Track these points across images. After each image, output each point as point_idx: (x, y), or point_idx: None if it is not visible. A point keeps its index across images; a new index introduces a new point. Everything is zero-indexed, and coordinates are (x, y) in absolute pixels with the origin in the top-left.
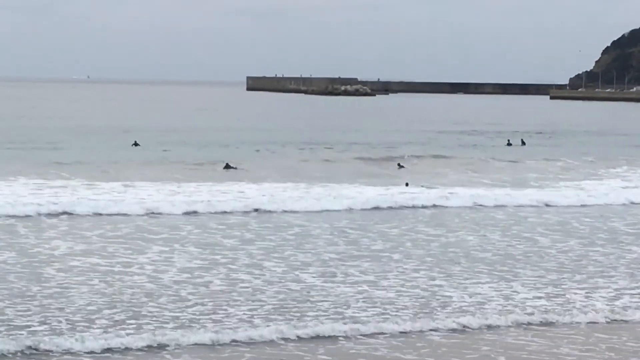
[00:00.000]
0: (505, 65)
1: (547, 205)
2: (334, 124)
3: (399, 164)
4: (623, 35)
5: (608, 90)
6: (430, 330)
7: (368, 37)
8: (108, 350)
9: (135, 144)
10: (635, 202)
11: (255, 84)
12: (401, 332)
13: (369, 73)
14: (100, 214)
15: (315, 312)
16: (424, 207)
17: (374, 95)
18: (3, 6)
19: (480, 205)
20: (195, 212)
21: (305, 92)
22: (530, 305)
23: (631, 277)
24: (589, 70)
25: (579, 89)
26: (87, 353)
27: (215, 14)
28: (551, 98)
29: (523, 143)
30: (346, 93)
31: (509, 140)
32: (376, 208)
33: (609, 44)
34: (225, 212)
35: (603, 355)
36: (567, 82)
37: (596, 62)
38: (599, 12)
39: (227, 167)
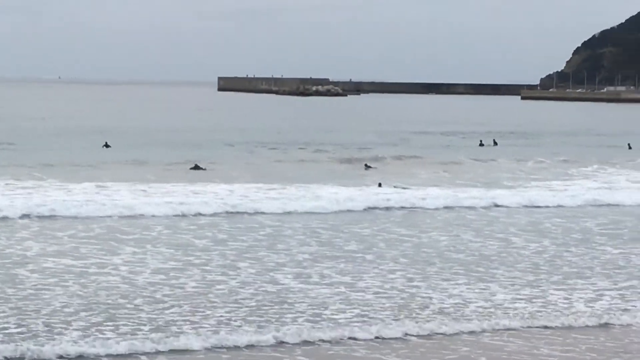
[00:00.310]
0: (477, 66)
1: (518, 205)
2: (306, 125)
3: (366, 165)
4: (594, 36)
5: (579, 90)
6: (410, 331)
7: (340, 37)
8: (83, 355)
9: (106, 146)
10: (607, 202)
11: (227, 85)
12: (380, 334)
13: (340, 73)
14: (72, 215)
15: (294, 314)
16: (396, 207)
17: (346, 95)
18: None
19: (453, 205)
20: (166, 213)
21: (277, 92)
22: (509, 307)
23: (608, 278)
24: (559, 70)
25: (550, 90)
26: (59, 358)
27: (186, 15)
28: (522, 98)
29: (495, 143)
30: (317, 93)
31: (481, 141)
32: (348, 208)
33: (579, 45)
34: (196, 213)
35: (584, 357)
36: (538, 82)
37: (567, 62)
38: (570, 12)
39: (196, 167)
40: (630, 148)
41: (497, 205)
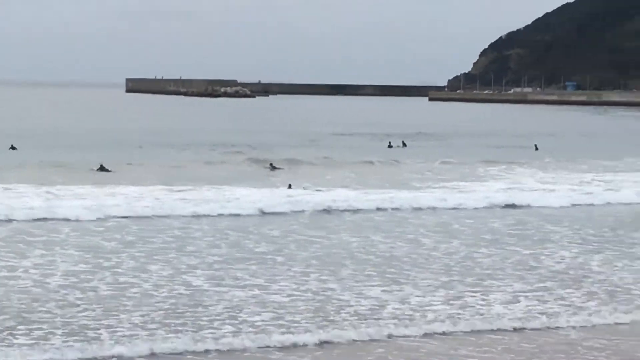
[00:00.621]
0: (385, 67)
1: (427, 206)
2: (215, 126)
3: (271, 164)
4: (500, 38)
5: (486, 92)
6: (326, 334)
7: (247, 39)
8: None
9: (13, 148)
10: (514, 203)
11: (135, 86)
12: (296, 337)
13: (249, 75)
14: None
15: (209, 317)
16: (305, 209)
17: (254, 97)
18: None
19: (361, 207)
20: (73, 215)
21: (185, 93)
22: (425, 309)
23: (521, 279)
24: (467, 72)
25: (458, 91)
26: None
27: (93, 16)
28: (430, 100)
29: (404, 144)
30: (226, 95)
31: (390, 142)
32: (258, 210)
33: (486, 46)
34: (103, 216)
35: (502, 357)
36: (445, 84)
37: (474, 64)
38: (477, 14)
39: (102, 169)
40: (537, 149)
41: (407, 207)
